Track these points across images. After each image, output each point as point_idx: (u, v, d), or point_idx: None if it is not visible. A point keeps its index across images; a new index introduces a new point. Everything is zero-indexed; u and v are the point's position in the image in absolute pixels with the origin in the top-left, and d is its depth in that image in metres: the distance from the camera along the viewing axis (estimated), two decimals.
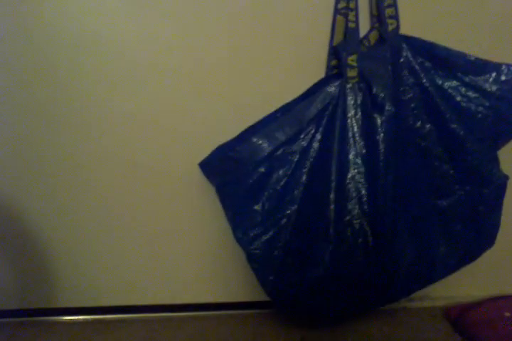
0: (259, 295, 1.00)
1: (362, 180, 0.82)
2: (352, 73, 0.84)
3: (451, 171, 0.88)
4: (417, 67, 0.87)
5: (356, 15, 0.87)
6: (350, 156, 0.82)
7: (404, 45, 0.87)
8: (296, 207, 0.83)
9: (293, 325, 1.00)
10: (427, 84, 0.86)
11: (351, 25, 0.86)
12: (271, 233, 0.84)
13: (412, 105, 0.87)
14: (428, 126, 0.87)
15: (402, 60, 0.87)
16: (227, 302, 1.06)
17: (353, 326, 1.00)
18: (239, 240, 0.86)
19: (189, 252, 1.02)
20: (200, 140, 0.92)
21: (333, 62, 0.91)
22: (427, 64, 0.87)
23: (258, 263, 0.86)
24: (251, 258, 0.86)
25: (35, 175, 0.95)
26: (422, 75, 0.86)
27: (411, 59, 0.87)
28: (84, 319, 1.07)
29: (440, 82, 0.87)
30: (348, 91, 0.84)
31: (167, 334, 1.01)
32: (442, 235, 0.90)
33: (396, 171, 0.84)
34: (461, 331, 0.97)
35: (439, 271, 0.92)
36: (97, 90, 0.90)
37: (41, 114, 0.91)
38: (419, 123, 0.87)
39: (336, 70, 0.90)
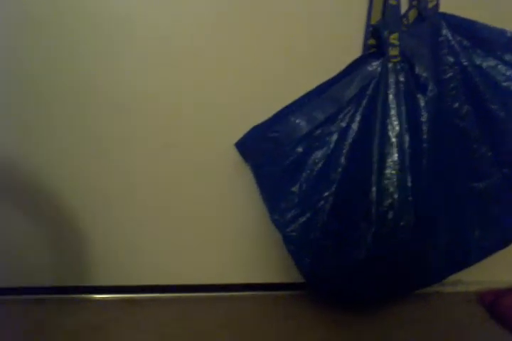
0: (291, 276, 1.02)
1: (404, 161, 0.80)
2: (394, 52, 0.82)
3: (489, 153, 0.87)
4: (456, 45, 0.85)
5: None
6: (393, 138, 0.81)
7: (443, 23, 0.85)
8: (334, 188, 0.82)
9: (325, 306, 1.00)
10: (466, 64, 0.84)
11: (392, 2, 0.84)
12: (308, 215, 0.84)
13: (451, 85, 0.85)
14: (466, 106, 0.86)
15: (441, 38, 0.85)
16: (259, 283, 1.06)
17: (385, 310, 0.99)
18: (275, 222, 0.85)
19: (223, 233, 1.01)
20: (236, 119, 0.89)
21: (371, 41, 0.89)
22: (466, 42, 0.85)
23: (295, 245, 0.85)
24: (287, 240, 0.85)
25: (66, 157, 0.94)
26: (461, 54, 0.85)
27: (450, 37, 0.85)
28: (115, 297, 1.07)
29: (479, 61, 0.85)
30: (390, 70, 0.82)
31: (198, 314, 1.01)
32: (478, 218, 0.90)
33: (436, 153, 0.82)
34: (496, 316, 0.96)
35: (473, 254, 0.92)
36: (129, 67, 0.87)
37: (67, 95, 0.89)
38: (457, 104, 0.86)
39: (373, 49, 0.88)
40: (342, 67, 0.88)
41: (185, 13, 0.84)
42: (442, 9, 0.85)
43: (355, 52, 0.89)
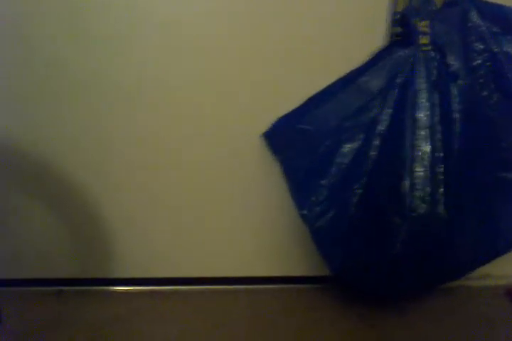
0: (313, 269, 1.01)
1: (436, 153, 0.78)
2: (424, 40, 0.80)
3: None
4: (485, 32, 0.82)
5: None
6: (424, 129, 0.79)
7: (473, 9, 0.82)
8: (364, 182, 0.81)
9: (348, 300, 1.00)
10: (496, 50, 0.82)
11: None
12: (338, 209, 0.82)
13: (480, 73, 0.82)
14: (496, 95, 0.84)
15: (470, 24, 0.82)
16: (281, 276, 1.05)
17: (411, 304, 0.99)
18: (304, 216, 0.84)
19: (245, 226, 1.00)
20: (263, 108, 0.87)
21: (396, 29, 0.86)
22: (495, 29, 0.82)
23: (324, 239, 0.84)
24: (316, 234, 0.84)
25: (90, 155, 0.93)
26: (491, 41, 0.82)
27: (480, 23, 0.82)
28: (136, 289, 1.06)
29: (510, 48, 0.82)
30: (421, 59, 0.80)
31: (221, 306, 1.00)
32: (505, 209, 0.88)
33: (466, 143, 0.80)
34: None
35: (502, 244, 0.91)
36: (152, 59, 0.85)
37: (95, 85, 0.88)
38: (486, 92, 0.83)
39: (397, 37, 0.85)
40: (365, 56, 0.86)
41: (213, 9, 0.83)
42: None
43: (378, 40, 0.86)
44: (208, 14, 0.83)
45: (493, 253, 0.91)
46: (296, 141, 0.84)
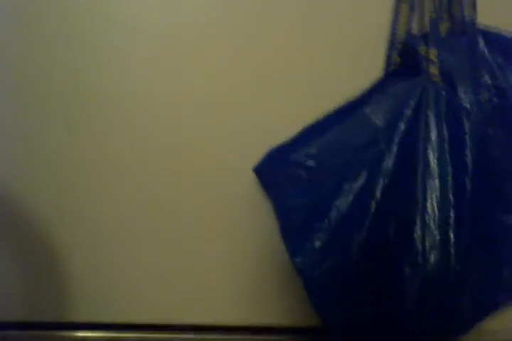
0: (301, 319, 0.89)
1: (447, 194, 0.70)
2: (433, 70, 0.72)
3: None
4: (493, 65, 0.77)
5: (434, 3, 0.75)
6: (435, 167, 0.70)
7: (480, 39, 0.77)
8: (369, 225, 0.71)
9: None
10: (504, 86, 0.77)
11: (430, 14, 0.75)
12: (337, 257, 0.71)
13: (488, 108, 0.76)
14: (501, 132, 0.77)
15: (477, 56, 0.77)
16: (262, 325, 0.92)
17: None
18: (297, 264, 0.72)
19: (225, 269, 0.88)
20: (257, 138, 0.80)
21: (397, 58, 0.80)
22: (503, 62, 0.78)
23: (320, 291, 0.73)
24: (311, 285, 0.72)
25: (52, 184, 0.83)
26: (499, 75, 0.77)
27: (487, 55, 0.77)
28: (98, 336, 0.91)
29: None
30: (430, 90, 0.72)
31: None
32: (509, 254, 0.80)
33: (475, 183, 0.73)
34: None
35: (504, 294, 0.83)
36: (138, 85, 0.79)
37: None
38: (491, 130, 0.77)
39: (395, 67, 0.79)
40: (360, 85, 0.79)
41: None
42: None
43: (377, 70, 0.81)
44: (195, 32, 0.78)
45: (494, 304, 0.83)
46: (291, 176, 0.74)
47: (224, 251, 0.87)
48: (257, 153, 0.78)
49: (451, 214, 0.71)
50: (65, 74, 0.79)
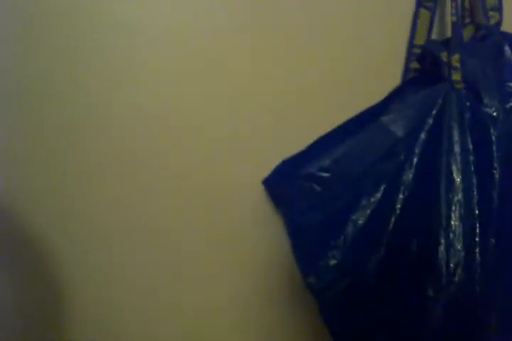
0: None
1: (472, 210, 0.64)
2: (457, 76, 0.68)
3: None
4: None
5: (456, 7, 0.71)
6: (458, 181, 0.65)
7: (505, 44, 0.72)
8: (388, 243, 0.65)
9: None
10: None
11: (452, 18, 0.70)
12: (354, 277, 0.66)
13: None
14: None
15: (502, 61, 0.71)
16: None
17: None
18: (310, 285, 0.67)
19: (231, 293, 0.82)
20: (268, 147, 0.75)
21: (414, 65, 0.76)
22: None
23: (335, 314, 0.67)
24: (325, 308, 0.67)
25: (53, 180, 0.78)
26: None
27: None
28: None
29: None
30: (453, 98, 0.67)
31: None
32: None
33: (503, 199, 0.67)
34: None
35: None
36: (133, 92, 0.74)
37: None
38: None
39: (413, 74, 0.76)
40: (377, 93, 0.75)
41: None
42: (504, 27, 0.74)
43: (392, 77, 0.78)
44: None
45: None
46: (303, 189, 0.69)
47: (231, 268, 0.82)
48: (268, 165, 0.74)
49: (477, 231, 0.65)
50: (64, 74, 0.76)
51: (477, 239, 0.65)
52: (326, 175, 0.68)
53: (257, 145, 0.76)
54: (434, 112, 0.67)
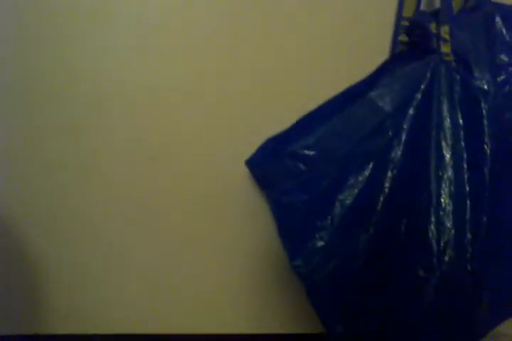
0: (303, 326, 0.83)
1: (463, 187, 0.62)
2: (446, 49, 0.65)
3: None
4: (511, 42, 0.69)
5: None
6: (448, 156, 0.62)
7: (496, 14, 0.69)
8: (376, 222, 0.63)
9: None
10: None
11: None
12: (342, 258, 0.64)
13: (504, 90, 0.67)
14: None
15: (493, 33, 0.69)
16: (265, 333, 0.86)
17: None
18: (297, 268, 0.64)
19: (222, 276, 0.82)
20: (252, 126, 0.73)
21: (402, 37, 0.73)
22: None
23: (323, 297, 0.65)
24: (313, 290, 0.65)
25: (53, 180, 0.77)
26: None
27: (504, 32, 0.69)
28: None
29: None
30: (442, 71, 0.64)
31: None
32: None
33: (495, 174, 0.65)
34: None
35: None
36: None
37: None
38: (508, 115, 0.68)
39: (402, 47, 0.73)
40: (365, 67, 0.72)
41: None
42: None
43: (383, 50, 0.75)
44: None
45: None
46: (288, 169, 0.66)
47: (217, 251, 0.81)
48: (251, 145, 0.71)
49: (468, 208, 0.63)
50: (64, 74, 0.74)
51: (468, 217, 0.63)
52: (311, 153, 0.65)
53: (240, 123, 0.75)
54: (422, 86, 0.65)
